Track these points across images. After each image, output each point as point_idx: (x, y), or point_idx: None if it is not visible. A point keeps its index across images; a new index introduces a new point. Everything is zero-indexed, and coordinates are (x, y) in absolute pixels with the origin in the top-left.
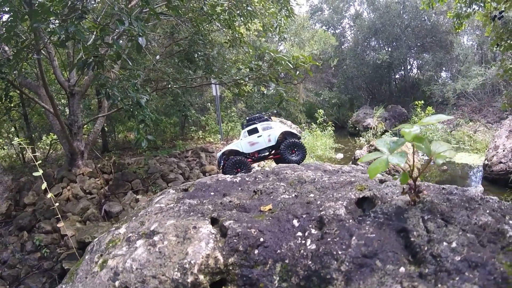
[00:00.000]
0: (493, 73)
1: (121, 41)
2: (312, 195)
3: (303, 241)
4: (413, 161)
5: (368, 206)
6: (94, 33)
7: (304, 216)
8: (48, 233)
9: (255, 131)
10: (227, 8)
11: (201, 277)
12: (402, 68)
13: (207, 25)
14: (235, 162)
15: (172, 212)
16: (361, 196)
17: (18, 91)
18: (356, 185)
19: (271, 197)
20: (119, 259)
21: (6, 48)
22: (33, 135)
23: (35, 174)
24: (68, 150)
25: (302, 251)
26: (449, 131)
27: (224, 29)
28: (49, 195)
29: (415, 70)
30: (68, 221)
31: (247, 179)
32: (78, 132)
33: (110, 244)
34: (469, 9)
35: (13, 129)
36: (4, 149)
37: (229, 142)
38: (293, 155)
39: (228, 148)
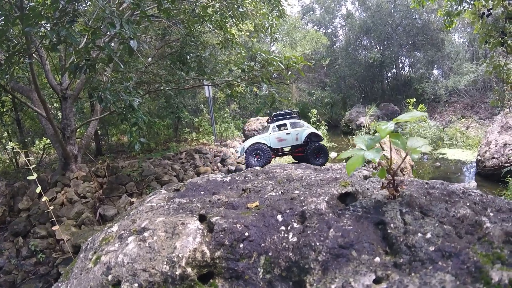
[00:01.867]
0: (484, 70)
1: (112, 44)
2: (297, 191)
3: (286, 235)
4: (391, 156)
5: (351, 201)
6: (86, 36)
7: (287, 211)
8: (43, 238)
9: (283, 127)
10: (218, 9)
11: (189, 269)
12: (394, 66)
13: (199, 27)
14: (256, 148)
15: (162, 210)
16: (343, 191)
17: (10, 96)
18: (340, 182)
19: (259, 195)
20: (112, 255)
21: None
22: (26, 140)
23: (29, 178)
24: (62, 154)
25: (284, 243)
26: (442, 128)
27: (216, 31)
28: (44, 198)
29: (407, 68)
30: (63, 226)
31: (237, 178)
32: (71, 136)
33: (103, 242)
34: (459, 7)
35: (5, 134)
36: None
37: (223, 144)
38: (318, 158)
39: (256, 141)
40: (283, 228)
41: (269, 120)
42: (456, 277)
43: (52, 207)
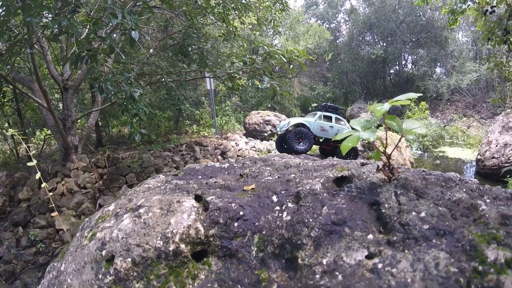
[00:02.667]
0: (486, 69)
1: (114, 35)
2: (293, 175)
3: (280, 214)
4: (386, 139)
5: (346, 184)
6: (87, 27)
7: (283, 192)
8: (43, 228)
9: (329, 119)
10: (221, 1)
11: (182, 246)
12: (397, 63)
13: (201, 19)
14: (300, 132)
15: (159, 190)
16: (339, 175)
17: (11, 86)
18: (337, 167)
19: (256, 179)
20: (107, 231)
21: None
22: (26, 130)
23: (29, 164)
24: (62, 145)
25: (278, 222)
26: (443, 126)
27: (218, 23)
28: (43, 185)
29: (409, 65)
30: (63, 216)
31: (235, 165)
32: (72, 127)
33: (100, 220)
34: (463, 5)
35: (6, 124)
36: None
37: (223, 136)
38: (348, 158)
39: (300, 121)
40: (277, 208)
41: (319, 107)
42: (451, 254)
43: (51, 193)
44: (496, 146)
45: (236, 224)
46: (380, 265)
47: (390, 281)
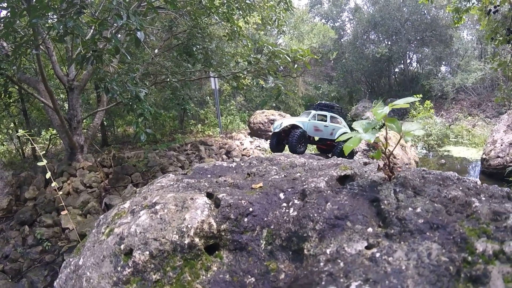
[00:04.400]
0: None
1: (119, 35)
2: (298, 174)
3: (287, 210)
4: (386, 139)
5: (349, 183)
6: (93, 27)
7: (289, 190)
8: (49, 226)
9: (324, 118)
10: (225, 1)
11: (197, 239)
12: (402, 62)
13: (206, 19)
14: (301, 136)
15: (172, 188)
16: (342, 174)
17: (17, 87)
18: (340, 166)
19: (263, 178)
20: (125, 226)
21: (5, 44)
22: (32, 130)
23: (39, 163)
24: (68, 144)
25: (285, 217)
26: (448, 125)
27: (222, 23)
28: (53, 184)
29: (414, 64)
30: (69, 215)
31: (242, 164)
32: (78, 127)
33: (116, 217)
34: (468, 3)
35: (12, 124)
36: (3, 144)
37: (228, 136)
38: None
39: (294, 123)
40: (284, 204)
41: (313, 106)
42: (442, 246)
43: (61, 192)
44: (501, 145)
45: (246, 219)
46: (378, 254)
47: (387, 268)
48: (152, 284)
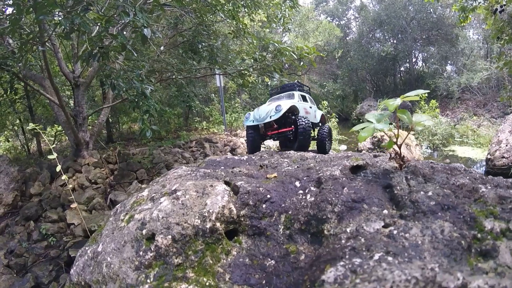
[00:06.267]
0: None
1: (124, 32)
2: (312, 164)
3: (304, 197)
4: (398, 131)
5: (362, 171)
6: (99, 24)
7: (305, 178)
8: (54, 222)
9: (305, 100)
10: None
11: (218, 224)
12: (407, 60)
13: (211, 16)
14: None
15: (190, 177)
16: (355, 164)
17: (23, 83)
18: (352, 158)
19: (276, 169)
20: (146, 212)
21: (11, 41)
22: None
23: (49, 157)
24: (73, 141)
25: (303, 203)
26: (453, 125)
27: (228, 20)
28: (64, 177)
29: (420, 63)
30: (74, 210)
31: (253, 157)
32: (83, 123)
33: (135, 204)
34: (474, 2)
35: (18, 121)
36: (9, 141)
37: (233, 133)
38: (328, 142)
39: (293, 104)
40: (301, 191)
41: (287, 86)
42: (454, 224)
43: (70, 186)
44: (506, 145)
45: (264, 205)
46: (395, 232)
47: (404, 243)
48: (174, 268)
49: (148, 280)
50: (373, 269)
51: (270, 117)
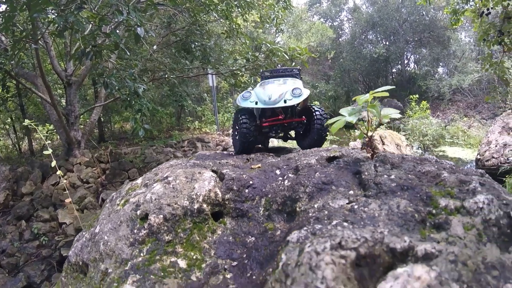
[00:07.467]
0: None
1: (118, 31)
2: (292, 156)
3: (282, 182)
4: (368, 121)
5: (336, 160)
6: (92, 23)
7: (284, 167)
8: (46, 221)
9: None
10: None
11: (204, 205)
12: (399, 62)
13: (204, 16)
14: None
15: (180, 166)
16: (331, 155)
17: (15, 81)
18: (331, 150)
19: (261, 162)
20: (140, 196)
21: (3, 38)
22: (29, 126)
23: (45, 152)
24: (65, 140)
25: (281, 187)
26: (444, 126)
27: (221, 20)
28: (58, 172)
29: (412, 65)
30: (66, 210)
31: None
32: (75, 122)
33: (130, 190)
34: (466, 5)
35: (9, 119)
36: (0, 140)
37: (225, 133)
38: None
39: (297, 86)
40: (280, 178)
41: (278, 71)
42: (410, 201)
43: (65, 181)
44: (496, 146)
45: (246, 190)
46: (356, 206)
47: (362, 215)
48: (165, 244)
49: (142, 254)
50: (329, 231)
51: (285, 101)
